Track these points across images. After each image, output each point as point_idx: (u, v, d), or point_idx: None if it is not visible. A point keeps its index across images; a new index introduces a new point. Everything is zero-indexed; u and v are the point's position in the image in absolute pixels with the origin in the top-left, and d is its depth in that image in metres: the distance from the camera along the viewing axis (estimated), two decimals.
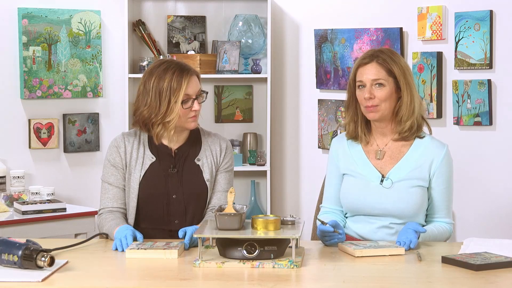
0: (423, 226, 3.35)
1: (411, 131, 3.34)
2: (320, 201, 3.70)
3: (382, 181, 3.34)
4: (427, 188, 3.36)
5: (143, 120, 3.35)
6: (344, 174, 3.42)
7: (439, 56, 4.78)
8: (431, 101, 4.80)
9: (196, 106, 3.34)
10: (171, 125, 3.32)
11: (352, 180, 3.38)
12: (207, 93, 3.43)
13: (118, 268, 2.94)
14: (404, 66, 3.33)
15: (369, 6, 5.13)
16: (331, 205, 3.47)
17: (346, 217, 3.46)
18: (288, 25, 5.54)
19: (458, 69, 4.72)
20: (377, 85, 3.30)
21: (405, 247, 3.06)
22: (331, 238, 3.16)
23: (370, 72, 3.31)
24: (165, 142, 3.42)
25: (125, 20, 5.37)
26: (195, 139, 3.47)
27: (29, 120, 5.15)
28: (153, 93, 3.31)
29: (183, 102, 3.31)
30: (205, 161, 3.44)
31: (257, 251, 2.87)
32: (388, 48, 3.43)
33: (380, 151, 3.38)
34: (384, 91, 3.29)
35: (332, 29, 5.25)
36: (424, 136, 3.39)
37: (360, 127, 3.39)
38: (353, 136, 3.42)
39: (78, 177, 5.35)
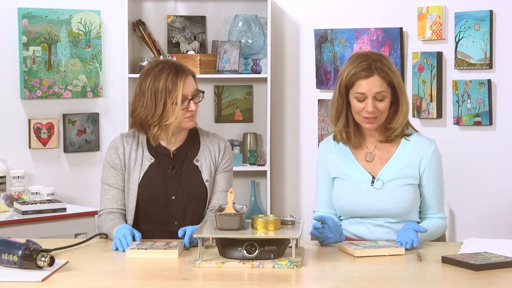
0: (418, 223, 3.35)
1: (399, 136, 3.35)
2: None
3: (372, 182, 3.34)
4: (418, 185, 3.36)
5: (140, 121, 3.35)
6: (334, 178, 3.41)
7: (439, 56, 4.78)
8: (431, 101, 4.80)
9: (192, 106, 3.34)
10: (170, 128, 3.32)
11: (343, 183, 3.37)
12: (203, 92, 3.42)
13: (118, 268, 2.94)
14: (398, 74, 3.32)
15: (369, 6, 5.14)
16: (325, 209, 3.46)
17: (341, 220, 3.45)
18: (288, 25, 5.54)
19: (458, 69, 4.72)
20: (379, 98, 3.26)
21: (408, 247, 3.06)
22: (322, 235, 3.16)
23: (373, 85, 3.24)
24: (163, 143, 3.42)
25: (125, 20, 5.37)
26: (193, 139, 3.47)
27: (29, 120, 5.15)
28: (148, 94, 3.31)
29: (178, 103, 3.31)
30: (204, 161, 3.44)
31: (257, 251, 2.87)
32: (378, 54, 3.37)
33: (370, 153, 3.38)
34: (385, 102, 3.27)
35: (332, 29, 5.25)
36: (411, 134, 3.39)
37: (353, 133, 3.37)
38: (346, 142, 3.40)
39: (78, 177, 5.35)
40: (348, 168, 3.37)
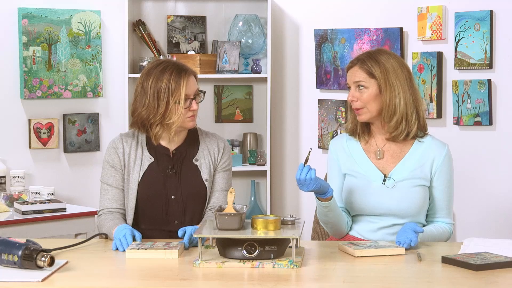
0: (424, 226, 3.36)
1: (399, 131, 3.33)
2: None
3: (384, 180, 3.34)
4: (429, 187, 3.36)
5: (142, 121, 3.35)
6: (345, 174, 3.42)
7: (439, 56, 4.79)
8: (431, 101, 4.80)
9: (194, 106, 3.35)
10: (173, 127, 3.33)
11: (354, 181, 3.38)
12: (204, 92, 3.43)
13: (118, 268, 2.94)
14: (391, 67, 3.31)
15: (369, 6, 5.14)
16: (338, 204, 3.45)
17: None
18: (288, 25, 5.54)
19: (458, 69, 4.72)
20: (360, 88, 3.33)
21: (406, 246, 3.06)
22: (304, 180, 3.14)
23: (353, 75, 3.36)
24: (163, 143, 3.42)
25: (125, 20, 5.37)
26: (193, 139, 3.47)
27: (29, 120, 5.15)
28: (151, 93, 3.31)
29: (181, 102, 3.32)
30: (203, 161, 3.44)
31: (257, 251, 2.87)
32: (380, 49, 3.44)
33: (379, 151, 3.39)
34: (366, 93, 3.31)
35: (332, 29, 5.25)
36: (424, 136, 3.40)
37: (360, 126, 3.41)
38: (354, 134, 3.43)
39: (78, 177, 5.35)
40: (359, 165, 3.38)
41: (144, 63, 5.33)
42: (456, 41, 4.70)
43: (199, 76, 3.52)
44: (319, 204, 3.28)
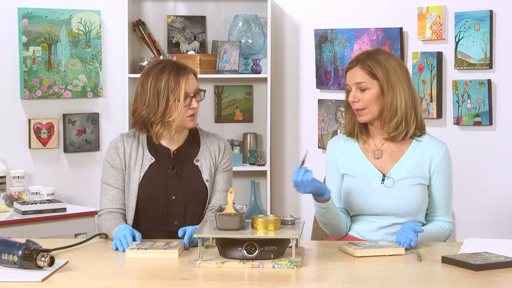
0: (423, 225, 3.36)
1: (398, 131, 3.33)
2: None
3: (383, 180, 3.34)
4: (428, 186, 3.36)
5: (142, 120, 3.35)
6: (344, 174, 3.42)
7: (439, 56, 4.79)
8: (431, 101, 4.80)
9: (194, 104, 3.35)
10: (173, 125, 3.32)
11: (352, 181, 3.38)
12: (204, 91, 3.43)
13: (118, 268, 2.94)
14: (392, 67, 3.31)
15: (369, 6, 5.14)
16: (336, 205, 3.45)
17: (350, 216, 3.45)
18: (288, 25, 5.54)
19: (458, 69, 4.72)
20: (361, 89, 3.32)
21: (406, 246, 3.06)
22: (301, 181, 3.13)
23: (354, 76, 3.34)
24: (164, 143, 3.42)
25: (125, 20, 5.37)
26: (193, 139, 3.47)
27: (29, 120, 5.15)
28: (151, 92, 3.31)
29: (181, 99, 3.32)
30: (204, 161, 3.44)
31: (257, 251, 2.87)
32: (378, 49, 3.43)
33: (377, 150, 3.39)
34: (368, 94, 3.31)
35: (332, 29, 5.25)
36: (422, 135, 3.40)
37: (358, 127, 3.40)
38: (352, 135, 3.43)
39: (78, 177, 5.35)
40: (358, 165, 3.38)
41: (144, 63, 5.33)
42: (456, 41, 4.70)
43: (199, 76, 3.52)
44: (317, 206, 3.28)
